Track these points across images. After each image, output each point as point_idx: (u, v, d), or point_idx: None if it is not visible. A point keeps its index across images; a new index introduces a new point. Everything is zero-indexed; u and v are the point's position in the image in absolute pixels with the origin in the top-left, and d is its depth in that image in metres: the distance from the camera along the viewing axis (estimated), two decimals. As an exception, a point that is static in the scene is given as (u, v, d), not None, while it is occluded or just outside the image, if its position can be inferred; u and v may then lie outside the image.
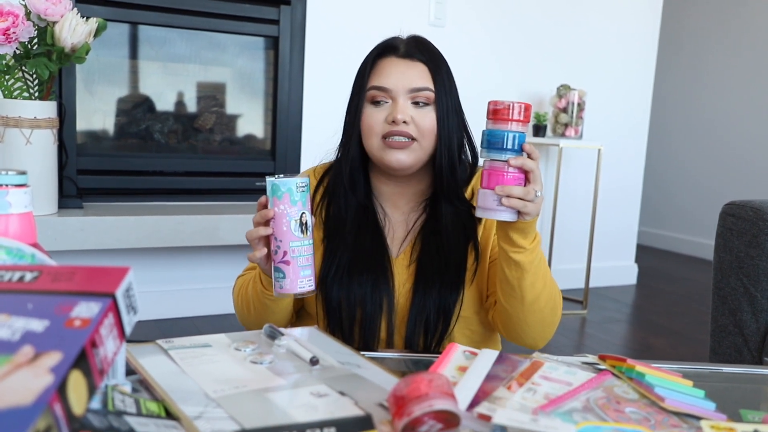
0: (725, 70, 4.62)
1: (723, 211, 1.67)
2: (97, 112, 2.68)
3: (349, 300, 1.12)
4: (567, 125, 3.21)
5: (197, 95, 2.85)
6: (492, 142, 0.94)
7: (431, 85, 1.12)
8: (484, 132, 0.96)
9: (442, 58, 1.16)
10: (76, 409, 0.52)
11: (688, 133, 4.85)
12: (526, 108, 0.94)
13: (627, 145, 3.69)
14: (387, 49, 1.15)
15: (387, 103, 1.13)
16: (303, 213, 0.95)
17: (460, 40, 3.14)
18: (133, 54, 2.71)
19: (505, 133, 0.94)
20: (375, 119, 1.12)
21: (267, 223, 0.98)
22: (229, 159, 2.87)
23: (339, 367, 0.82)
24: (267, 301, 1.10)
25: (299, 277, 0.96)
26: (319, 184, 1.22)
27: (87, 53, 2.12)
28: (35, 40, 2.10)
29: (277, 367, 0.80)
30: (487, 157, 0.96)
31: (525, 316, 1.09)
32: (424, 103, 1.12)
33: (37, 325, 0.57)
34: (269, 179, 0.96)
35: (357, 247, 1.15)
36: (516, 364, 0.84)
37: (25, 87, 2.16)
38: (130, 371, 0.77)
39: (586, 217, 3.42)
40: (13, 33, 1.98)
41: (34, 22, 2.07)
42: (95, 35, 2.15)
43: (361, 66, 1.18)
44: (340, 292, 1.12)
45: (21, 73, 2.15)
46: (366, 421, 0.65)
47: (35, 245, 0.77)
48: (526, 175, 0.96)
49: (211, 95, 2.88)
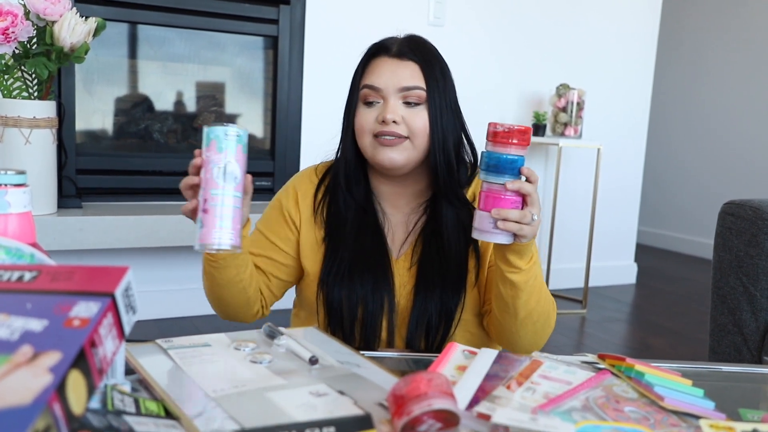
0: (724, 69, 4.62)
1: (722, 210, 1.67)
2: (96, 112, 2.68)
3: (350, 299, 1.12)
4: (566, 125, 3.21)
5: (196, 95, 2.85)
6: (490, 165, 0.94)
7: (423, 84, 1.11)
8: (482, 154, 0.96)
9: (437, 57, 1.15)
10: (76, 408, 0.52)
11: (688, 132, 4.86)
12: (526, 131, 0.94)
13: (626, 144, 3.69)
14: (380, 49, 1.15)
15: (379, 103, 1.13)
16: (228, 162, 0.88)
17: (459, 40, 3.14)
18: (133, 53, 2.71)
19: (504, 157, 0.94)
20: (366, 119, 1.13)
21: (197, 173, 0.93)
22: (229, 158, 2.87)
23: (338, 366, 0.82)
24: (211, 270, 1.08)
25: (215, 228, 0.87)
26: (320, 182, 1.22)
27: (86, 53, 2.12)
28: (34, 40, 2.10)
29: (277, 366, 0.80)
30: (485, 179, 0.96)
31: (517, 329, 1.10)
32: (415, 103, 1.11)
33: (36, 324, 0.57)
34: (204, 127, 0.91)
35: (357, 247, 1.15)
36: (515, 363, 0.84)
37: (24, 87, 2.16)
38: (130, 371, 0.77)
39: (586, 216, 3.42)
40: (12, 32, 1.98)
41: (33, 22, 2.07)
42: (94, 35, 2.15)
43: (356, 66, 1.18)
44: (342, 292, 1.12)
45: (20, 73, 2.15)
46: (365, 420, 0.65)
47: (34, 245, 0.77)
48: (523, 198, 0.96)
49: (211, 95, 2.88)
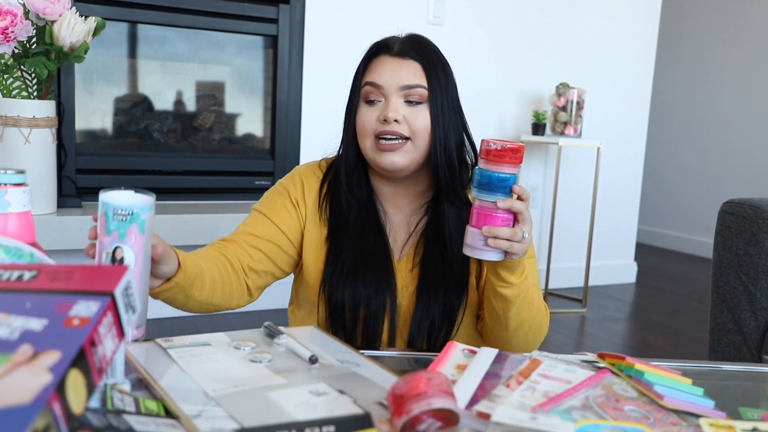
0: (724, 69, 4.62)
1: (722, 209, 1.67)
2: (96, 111, 2.68)
3: (353, 300, 1.11)
4: (566, 124, 3.21)
5: (196, 94, 2.85)
6: (482, 182, 0.94)
7: (424, 82, 1.11)
8: (475, 171, 0.96)
9: (439, 56, 1.15)
10: (75, 408, 0.52)
11: (687, 131, 4.85)
12: (518, 150, 0.93)
13: (626, 143, 3.69)
14: (381, 47, 1.14)
15: (380, 102, 1.12)
16: (117, 247, 0.77)
17: (459, 39, 3.14)
18: (132, 53, 2.71)
19: (496, 175, 0.93)
20: (368, 118, 1.12)
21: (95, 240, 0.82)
22: (229, 158, 2.87)
23: (338, 365, 0.82)
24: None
25: None
26: (324, 178, 1.21)
27: (86, 52, 2.12)
28: (34, 39, 2.10)
29: (277, 365, 0.80)
30: (477, 196, 0.96)
31: (508, 338, 1.10)
32: (417, 102, 1.11)
33: (36, 324, 0.57)
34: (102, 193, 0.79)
35: (360, 247, 1.14)
36: (515, 362, 0.85)
37: (23, 86, 2.16)
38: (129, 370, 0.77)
39: (586, 215, 3.42)
40: (12, 32, 1.98)
41: (32, 21, 2.07)
42: (94, 34, 2.15)
43: (357, 66, 1.18)
44: (345, 292, 1.12)
45: (20, 73, 2.15)
46: (365, 419, 0.65)
47: (34, 244, 0.77)
48: (515, 216, 0.96)
49: (210, 94, 2.88)
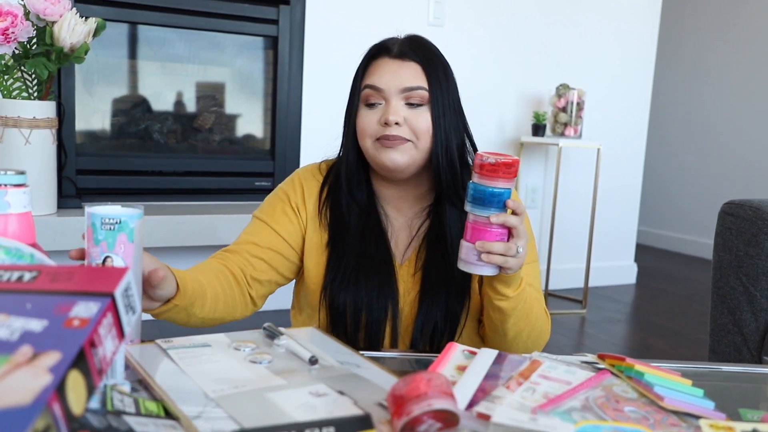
0: (724, 69, 4.62)
1: (722, 210, 1.67)
2: (96, 112, 2.68)
3: (355, 305, 1.10)
4: (566, 125, 3.21)
5: (196, 95, 2.85)
6: (476, 197, 0.93)
7: (425, 84, 1.10)
8: (469, 185, 0.95)
9: (439, 57, 1.14)
10: (75, 408, 0.52)
11: (688, 132, 4.86)
12: (512, 164, 0.92)
13: (626, 144, 3.69)
14: (380, 49, 1.14)
15: (380, 104, 1.11)
16: (107, 257, 0.78)
17: (459, 40, 3.14)
18: (132, 54, 2.71)
19: (489, 190, 0.92)
20: (368, 121, 1.11)
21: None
22: (229, 159, 2.87)
23: (338, 366, 0.82)
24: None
25: None
26: (325, 181, 1.20)
27: (86, 53, 2.12)
28: (34, 40, 2.10)
29: (276, 366, 0.80)
30: (471, 211, 0.95)
31: (508, 346, 1.10)
32: (418, 104, 1.10)
33: (36, 324, 0.57)
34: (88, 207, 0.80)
35: (362, 252, 1.13)
36: (515, 363, 0.85)
37: (24, 87, 2.16)
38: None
39: (586, 216, 3.42)
40: (12, 33, 1.98)
41: (33, 22, 2.07)
42: (94, 35, 2.15)
43: (357, 68, 1.17)
44: (347, 297, 1.10)
45: (20, 73, 2.15)
46: (365, 420, 0.65)
47: (34, 245, 0.77)
48: (509, 230, 0.95)
49: (211, 95, 2.88)
